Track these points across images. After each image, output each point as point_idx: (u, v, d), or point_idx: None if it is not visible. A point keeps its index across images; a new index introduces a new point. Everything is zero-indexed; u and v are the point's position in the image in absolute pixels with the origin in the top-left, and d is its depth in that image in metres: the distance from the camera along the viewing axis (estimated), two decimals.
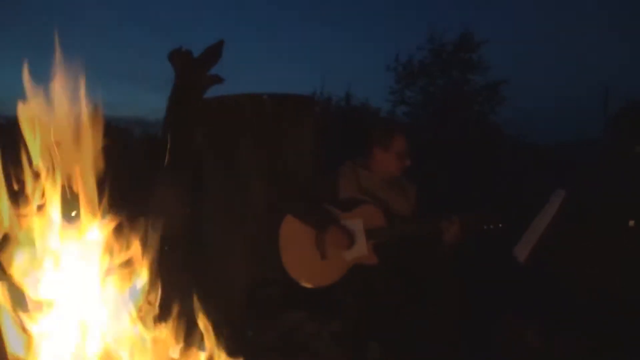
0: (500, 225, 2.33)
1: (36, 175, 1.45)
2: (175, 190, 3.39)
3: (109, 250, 1.51)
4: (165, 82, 3.92)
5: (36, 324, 1.41)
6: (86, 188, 1.46)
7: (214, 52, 3.75)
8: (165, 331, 1.55)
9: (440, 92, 9.22)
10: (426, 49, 9.35)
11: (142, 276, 1.54)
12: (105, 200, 1.49)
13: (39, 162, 1.44)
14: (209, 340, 1.58)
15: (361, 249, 2.41)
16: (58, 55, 1.41)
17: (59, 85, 1.42)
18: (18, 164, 1.44)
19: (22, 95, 1.41)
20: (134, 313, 1.51)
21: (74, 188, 1.46)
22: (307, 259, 2.43)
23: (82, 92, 1.44)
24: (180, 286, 1.68)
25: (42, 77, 1.43)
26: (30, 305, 1.43)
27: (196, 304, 1.61)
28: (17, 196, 1.44)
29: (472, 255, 2.95)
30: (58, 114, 1.44)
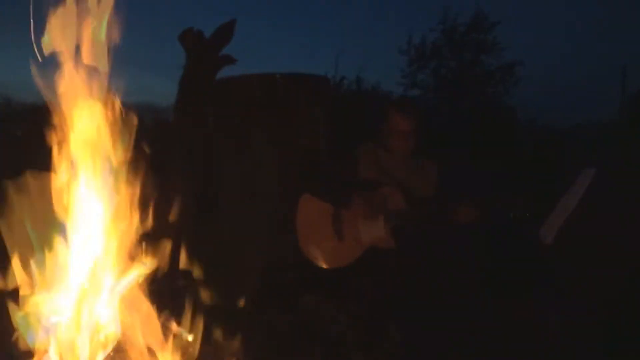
0: (527, 214, 2.24)
1: None
2: (187, 175, 3.37)
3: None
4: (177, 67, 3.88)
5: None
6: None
7: (226, 32, 3.66)
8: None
9: (452, 74, 9.10)
10: (438, 31, 9.21)
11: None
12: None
13: None
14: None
15: (378, 231, 2.36)
16: None
17: None
18: None
19: None
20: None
21: None
22: (323, 239, 2.40)
23: None
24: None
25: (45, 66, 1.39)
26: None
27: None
28: None
29: (495, 237, 2.90)
30: None
